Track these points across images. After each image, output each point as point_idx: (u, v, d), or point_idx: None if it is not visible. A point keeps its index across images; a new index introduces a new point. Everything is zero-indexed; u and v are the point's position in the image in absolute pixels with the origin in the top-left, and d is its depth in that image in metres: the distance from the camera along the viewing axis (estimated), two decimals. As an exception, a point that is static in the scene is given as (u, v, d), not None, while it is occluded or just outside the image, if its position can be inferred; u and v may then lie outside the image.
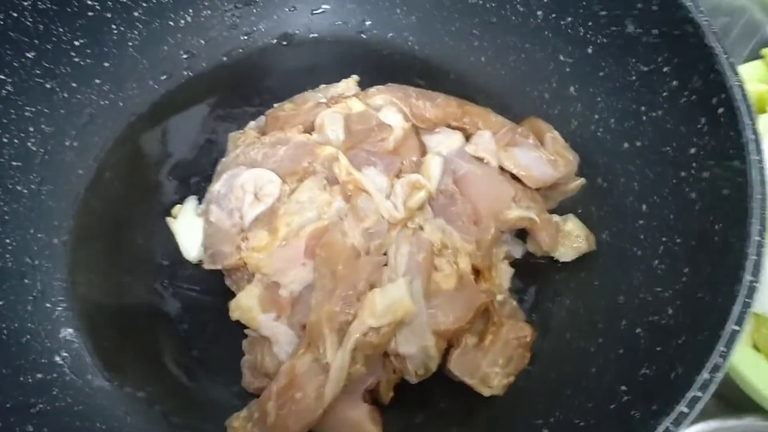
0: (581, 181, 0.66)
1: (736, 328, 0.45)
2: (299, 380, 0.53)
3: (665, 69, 0.62)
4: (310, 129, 0.63)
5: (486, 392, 0.56)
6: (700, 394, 0.43)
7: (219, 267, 0.59)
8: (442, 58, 0.78)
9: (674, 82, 0.61)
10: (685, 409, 0.43)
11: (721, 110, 0.55)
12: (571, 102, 0.71)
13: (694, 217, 0.57)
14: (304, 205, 0.58)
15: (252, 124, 0.66)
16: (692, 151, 0.59)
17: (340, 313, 0.53)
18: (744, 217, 0.50)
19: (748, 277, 0.46)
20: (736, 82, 0.54)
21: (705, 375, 0.43)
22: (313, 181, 0.59)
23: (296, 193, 0.58)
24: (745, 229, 0.49)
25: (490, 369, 0.56)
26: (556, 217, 0.65)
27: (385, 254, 0.57)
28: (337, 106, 0.63)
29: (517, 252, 0.64)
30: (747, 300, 0.45)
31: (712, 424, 0.63)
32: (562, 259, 0.64)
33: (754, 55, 0.81)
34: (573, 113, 0.71)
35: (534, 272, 0.66)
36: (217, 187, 0.61)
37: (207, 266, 0.59)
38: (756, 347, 0.67)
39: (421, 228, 0.58)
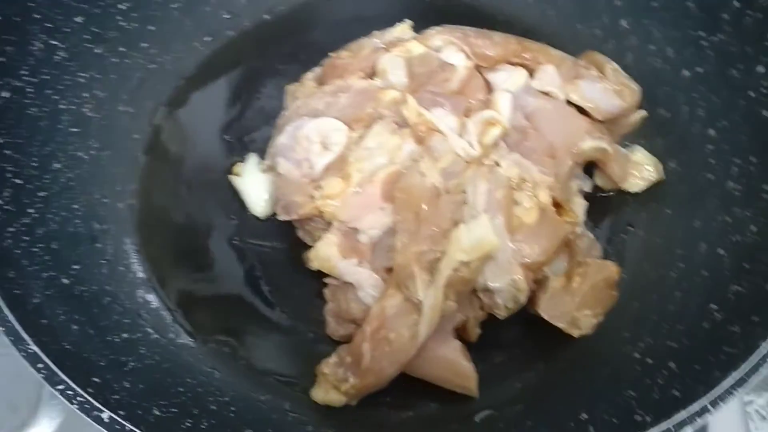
0: (643, 113, 0.65)
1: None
2: (391, 321, 0.53)
3: (725, -11, 0.61)
4: (370, 75, 0.62)
5: (576, 333, 0.56)
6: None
7: (294, 217, 0.58)
8: (488, 1, 0.77)
9: (735, 2, 0.60)
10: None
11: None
12: (625, 36, 0.70)
13: (772, 135, 0.57)
14: (374, 150, 0.57)
15: (309, 75, 0.65)
16: (761, 69, 0.58)
17: (427, 251, 0.53)
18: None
19: None
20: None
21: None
22: (381, 126, 0.58)
23: (365, 139, 0.58)
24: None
25: (579, 312, 0.56)
26: (623, 149, 0.64)
27: (464, 192, 0.56)
28: (397, 49, 0.62)
29: (587, 186, 0.64)
30: None
31: None
32: (632, 190, 0.64)
33: None
34: (627, 47, 0.70)
35: (605, 206, 0.65)
36: (281, 139, 0.60)
37: (281, 217, 0.59)
38: None
39: (498, 164, 0.57)
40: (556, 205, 0.58)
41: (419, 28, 0.69)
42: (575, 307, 0.55)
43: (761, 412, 0.63)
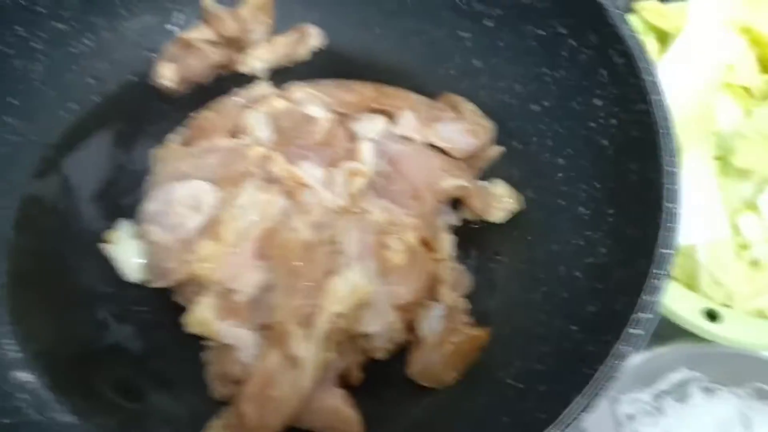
0: (500, 148, 0.70)
1: (667, 251, 0.49)
2: (272, 379, 0.54)
3: (560, 30, 0.66)
4: (235, 134, 0.64)
5: (439, 387, 0.60)
6: (647, 315, 0.47)
7: (168, 284, 0.59)
8: (349, 49, 0.79)
9: (572, 41, 0.65)
10: (636, 331, 0.47)
11: (619, 60, 0.60)
12: (477, 74, 0.74)
13: (609, 162, 0.62)
14: (246, 208, 0.58)
15: (172, 137, 0.66)
16: (597, 102, 0.64)
17: (303, 306, 0.54)
18: (655, 152, 0.54)
19: (666, 204, 0.51)
20: (629, 31, 0.58)
21: (645, 297, 0.48)
22: (251, 184, 0.60)
23: (237, 198, 0.59)
24: (658, 162, 0.53)
25: (444, 373, 0.59)
26: (483, 183, 0.69)
27: (336, 243, 0.58)
28: (260, 106, 0.64)
29: (455, 220, 0.67)
30: (670, 224, 0.50)
31: (645, 355, 0.66)
32: (495, 221, 0.68)
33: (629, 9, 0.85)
34: (480, 84, 0.74)
35: (472, 237, 0.69)
36: (150, 206, 0.60)
37: (155, 284, 0.59)
38: (673, 277, 0.72)
39: (366, 211, 0.60)
40: (425, 243, 0.61)
41: (286, 78, 0.73)
42: (441, 369, 0.58)
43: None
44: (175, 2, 0.77)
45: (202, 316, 0.57)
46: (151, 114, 0.74)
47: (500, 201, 0.67)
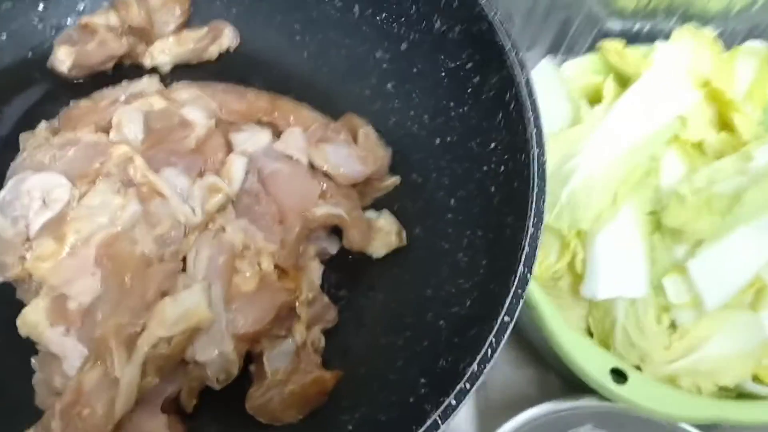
0: (395, 179, 0.67)
1: (507, 319, 0.46)
2: (87, 396, 0.50)
3: (468, 65, 0.63)
4: (106, 128, 0.60)
5: (275, 424, 0.56)
6: (467, 386, 0.44)
7: (2, 279, 0.55)
8: (265, 53, 0.77)
9: (476, 78, 0.62)
10: (453, 401, 0.43)
11: (512, 105, 0.57)
12: (390, 98, 0.71)
13: (493, 211, 0.59)
14: (95, 210, 0.55)
15: (43, 123, 0.62)
16: (492, 146, 0.61)
17: (127, 325, 0.51)
18: (525, 210, 0.51)
19: (521, 269, 0.48)
20: (523, 78, 0.55)
21: (474, 367, 0.44)
22: (105, 184, 0.56)
23: (87, 198, 0.55)
24: (524, 222, 0.50)
25: (283, 413, 0.56)
26: (370, 213, 0.65)
27: (183, 260, 0.55)
28: (137, 102, 0.60)
29: (333, 248, 0.64)
30: (518, 291, 0.47)
31: (548, 406, 0.65)
32: (374, 255, 0.64)
33: (595, 48, 0.83)
34: (391, 109, 0.71)
35: (349, 268, 0.66)
36: (3, 193, 0.57)
37: (-10, 278, 0.56)
38: (589, 331, 0.70)
39: (223, 230, 0.57)
40: (281, 271, 0.57)
41: (191, 75, 0.69)
42: (282, 409, 0.55)
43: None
44: (90, -21, 0.74)
45: (33, 319, 0.54)
46: (42, 96, 0.71)
47: (383, 235, 0.63)
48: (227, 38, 0.73)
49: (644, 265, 0.69)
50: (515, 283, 0.47)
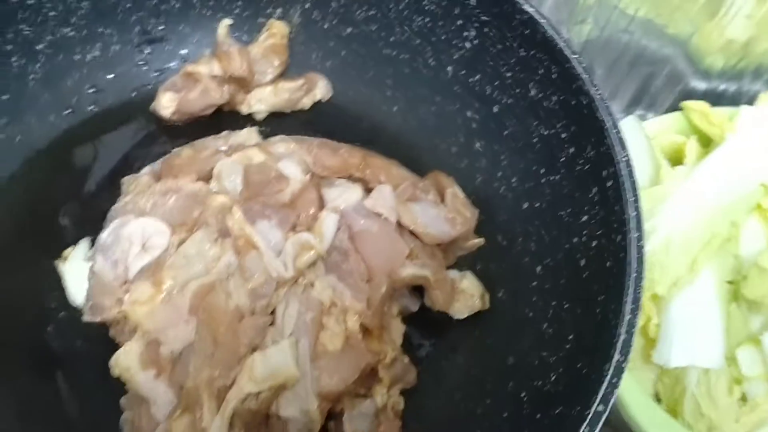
0: (480, 241, 0.67)
1: (601, 408, 0.45)
2: (174, 443, 0.51)
3: (563, 135, 0.63)
4: (206, 177, 0.62)
5: None
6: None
7: (98, 320, 0.57)
8: (356, 106, 0.78)
9: (571, 149, 0.62)
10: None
11: (609, 183, 0.56)
12: (478, 157, 0.72)
13: (582, 285, 0.58)
14: (192, 258, 0.56)
15: (146, 169, 0.65)
16: (584, 218, 0.60)
17: (218, 377, 0.52)
18: (620, 294, 0.50)
19: (617, 356, 0.47)
20: (624, 158, 0.55)
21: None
22: (203, 234, 0.58)
23: (184, 246, 0.57)
24: (620, 307, 0.49)
25: None
26: (453, 273, 0.65)
27: (272, 313, 0.56)
28: (237, 155, 0.62)
29: (414, 306, 0.64)
30: (614, 380, 0.46)
31: None
32: (456, 316, 0.64)
33: (677, 105, 0.83)
34: (478, 168, 0.71)
35: (431, 326, 0.66)
36: (104, 236, 0.59)
37: (86, 319, 0.58)
38: (658, 397, 0.69)
39: (312, 285, 0.57)
40: (365, 331, 0.58)
41: (277, 125, 0.72)
42: None
43: None
44: (193, 27, 0.77)
45: (126, 361, 0.55)
46: (143, 137, 0.73)
47: (466, 297, 0.63)
48: (321, 90, 0.75)
49: (720, 335, 0.67)
50: (610, 372, 0.46)
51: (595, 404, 0.45)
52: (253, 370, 0.52)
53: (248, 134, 0.66)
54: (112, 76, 0.75)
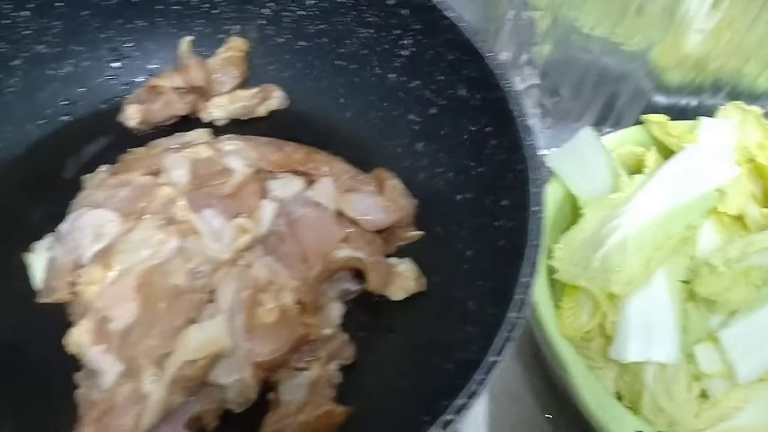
0: (418, 233, 0.72)
1: (495, 359, 0.49)
2: (117, 408, 0.56)
3: (487, 129, 0.68)
4: (156, 172, 0.68)
5: None
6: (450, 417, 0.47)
7: (51, 300, 0.62)
8: (312, 112, 0.84)
9: (493, 141, 0.67)
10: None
11: (520, 167, 0.61)
12: (419, 157, 0.77)
13: (503, 263, 0.62)
14: (138, 243, 0.62)
15: (103, 167, 0.71)
16: (504, 203, 0.65)
17: (157, 347, 0.57)
18: (519, 262, 0.55)
19: (511, 313, 0.51)
20: (529, 143, 0.60)
21: (460, 401, 0.47)
22: (150, 221, 0.63)
23: (132, 232, 0.62)
24: (516, 274, 0.54)
25: None
26: (393, 260, 0.70)
27: (212, 292, 0.61)
28: (186, 151, 0.68)
29: (355, 289, 0.68)
30: (507, 334, 0.50)
31: None
32: (393, 298, 0.68)
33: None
34: (420, 167, 0.76)
35: (372, 310, 0.70)
36: (63, 227, 0.65)
37: (40, 299, 0.63)
38: (619, 395, 0.71)
39: (249, 266, 0.62)
40: (301, 307, 0.62)
41: (235, 131, 0.77)
42: None
43: None
44: (158, 44, 0.83)
45: (79, 338, 0.60)
46: (109, 143, 0.79)
47: (402, 279, 0.68)
48: (276, 99, 0.81)
49: (675, 331, 0.69)
50: (505, 326, 0.50)
51: (491, 354, 0.49)
52: (189, 340, 0.56)
53: (199, 134, 0.71)
54: (83, 89, 0.81)
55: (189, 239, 0.61)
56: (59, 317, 0.66)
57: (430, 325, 0.67)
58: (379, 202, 0.68)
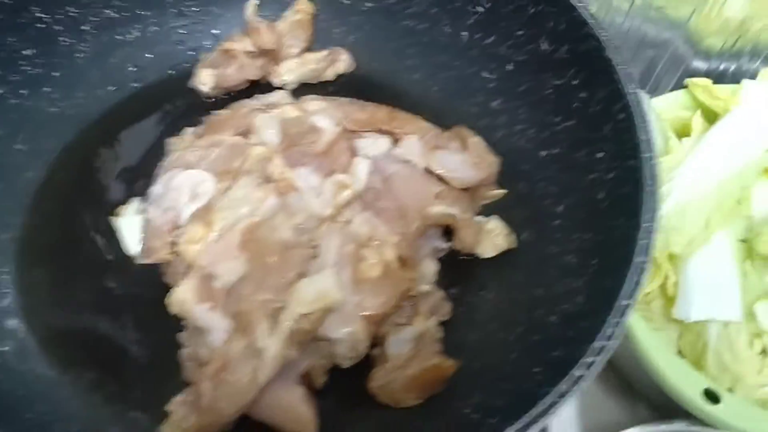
0: (502, 191, 0.72)
1: (626, 302, 0.49)
2: (232, 364, 0.56)
3: (574, 82, 0.67)
4: (245, 133, 0.67)
5: (395, 406, 0.60)
6: (593, 359, 0.47)
7: (151, 261, 0.62)
8: (379, 75, 0.83)
9: (583, 94, 0.67)
10: (578, 372, 0.47)
11: (620, 116, 0.61)
12: (497, 115, 0.76)
13: (602, 215, 0.63)
14: (238, 201, 0.61)
15: (189, 129, 0.70)
16: (599, 155, 0.64)
17: (271, 301, 0.56)
18: (637, 209, 0.55)
19: (638, 258, 0.51)
20: (632, 90, 0.59)
21: (598, 343, 0.47)
22: (247, 179, 0.63)
23: (231, 191, 0.62)
24: (638, 219, 0.54)
25: (403, 394, 0.59)
26: (480, 218, 0.70)
27: (315, 247, 0.60)
28: (274, 111, 0.67)
29: (443, 247, 0.68)
30: (637, 278, 0.50)
31: (646, 428, 0.65)
32: (483, 256, 0.68)
33: (680, 86, 0.86)
34: (498, 125, 0.76)
35: (460, 268, 0.69)
36: (155, 188, 0.64)
37: (139, 261, 0.63)
38: (681, 353, 0.72)
39: (350, 222, 0.62)
40: (402, 262, 0.62)
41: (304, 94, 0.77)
42: (402, 391, 0.58)
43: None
44: (222, 8, 0.82)
45: (183, 297, 0.60)
46: (182, 108, 0.79)
47: (492, 237, 0.67)
48: (343, 63, 0.80)
49: (737, 289, 0.70)
50: (632, 271, 0.50)
51: (622, 299, 0.49)
52: (302, 293, 0.56)
53: (281, 96, 0.71)
54: (151, 55, 0.81)
55: (289, 196, 0.61)
56: (151, 279, 0.66)
57: (525, 281, 0.67)
58: (466, 158, 0.68)
